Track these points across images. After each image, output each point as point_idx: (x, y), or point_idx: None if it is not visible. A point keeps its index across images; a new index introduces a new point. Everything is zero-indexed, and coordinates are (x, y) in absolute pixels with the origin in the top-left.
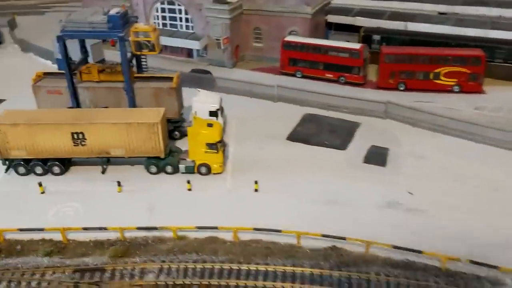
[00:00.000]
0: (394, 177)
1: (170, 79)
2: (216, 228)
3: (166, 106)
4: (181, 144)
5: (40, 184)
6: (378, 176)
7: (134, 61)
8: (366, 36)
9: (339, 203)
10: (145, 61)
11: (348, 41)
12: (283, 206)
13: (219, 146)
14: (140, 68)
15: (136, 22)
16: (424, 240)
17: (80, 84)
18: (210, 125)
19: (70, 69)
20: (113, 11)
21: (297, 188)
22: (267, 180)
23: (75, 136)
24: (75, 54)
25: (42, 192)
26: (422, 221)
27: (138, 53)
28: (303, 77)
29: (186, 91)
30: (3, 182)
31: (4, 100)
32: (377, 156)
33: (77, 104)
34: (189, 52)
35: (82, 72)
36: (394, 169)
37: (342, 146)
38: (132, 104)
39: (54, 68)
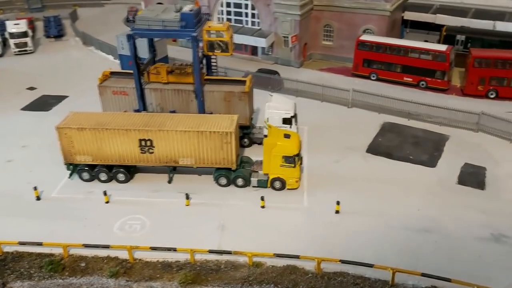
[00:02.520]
0: (496, 203)
1: (241, 82)
2: (297, 257)
3: (236, 111)
4: (249, 153)
5: (105, 193)
6: (476, 201)
7: (204, 62)
8: (448, 36)
9: (435, 233)
10: (215, 63)
11: (426, 41)
12: (370, 232)
13: (296, 159)
14: (209, 69)
15: (208, 20)
16: None
17: (147, 85)
18: (287, 136)
19: (139, 69)
20: (186, 9)
21: (383, 211)
22: (347, 199)
23: (143, 143)
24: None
25: (107, 202)
26: None
27: (210, 53)
28: (378, 79)
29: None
30: (66, 188)
31: (66, 96)
32: (473, 177)
33: (144, 107)
34: (253, 50)
35: (150, 72)
36: (494, 193)
37: (431, 162)
38: (202, 108)
39: (115, 63)
